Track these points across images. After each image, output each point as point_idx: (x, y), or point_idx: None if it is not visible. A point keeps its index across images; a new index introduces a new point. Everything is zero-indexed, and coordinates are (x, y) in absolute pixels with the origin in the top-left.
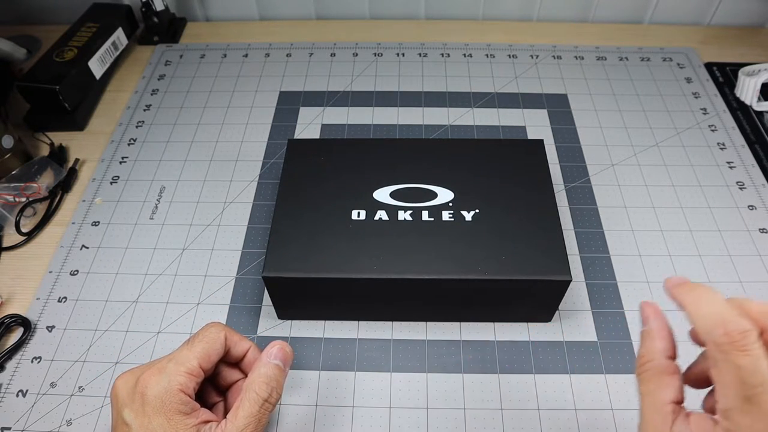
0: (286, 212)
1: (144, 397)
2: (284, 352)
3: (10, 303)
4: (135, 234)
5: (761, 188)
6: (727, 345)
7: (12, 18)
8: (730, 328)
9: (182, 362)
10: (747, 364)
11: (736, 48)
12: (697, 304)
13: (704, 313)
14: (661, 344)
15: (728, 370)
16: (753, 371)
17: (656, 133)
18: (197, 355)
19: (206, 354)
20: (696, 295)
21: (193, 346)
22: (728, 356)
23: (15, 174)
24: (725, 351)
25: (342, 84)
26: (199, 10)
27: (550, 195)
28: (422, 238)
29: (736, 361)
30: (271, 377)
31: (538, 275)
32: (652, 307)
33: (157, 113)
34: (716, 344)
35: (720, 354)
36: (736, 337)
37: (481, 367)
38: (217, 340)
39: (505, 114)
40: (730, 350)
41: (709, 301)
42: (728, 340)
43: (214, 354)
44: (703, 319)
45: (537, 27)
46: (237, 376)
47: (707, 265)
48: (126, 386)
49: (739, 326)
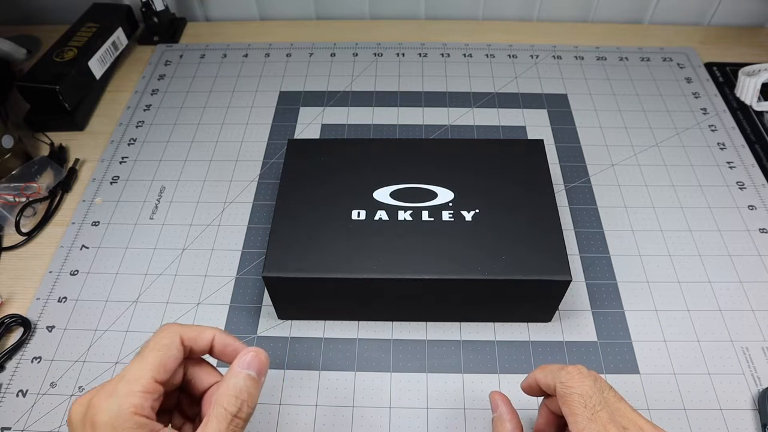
0: (286, 212)
1: (94, 424)
2: (259, 360)
3: (10, 303)
4: (135, 234)
5: (761, 188)
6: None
7: (12, 18)
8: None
9: (134, 380)
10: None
11: (736, 48)
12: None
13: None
14: (511, 425)
15: (574, 400)
16: (590, 395)
17: (656, 133)
18: (150, 367)
19: (160, 364)
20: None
21: (144, 359)
22: (572, 389)
23: (15, 174)
24: (569, 385)
25: (342, 84)
26: (199, 10)
27: (550, 195)
28: (422, 238)
29: (579, 390)
30: (241, 389)
31: (538, 275)
32: (499, 394)
33: (157, 113)
34: (562, 383)
35: (566, 389)
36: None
37: (481, 367)
38: (171, 346)
39: (505, 114)
40: (572, 383)
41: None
42: (569, 377)
43: (170, 362)
44: (550, 373)
45: (537, 27)
46: (212, 378)
47: (707, 265)
48: (78, 413)
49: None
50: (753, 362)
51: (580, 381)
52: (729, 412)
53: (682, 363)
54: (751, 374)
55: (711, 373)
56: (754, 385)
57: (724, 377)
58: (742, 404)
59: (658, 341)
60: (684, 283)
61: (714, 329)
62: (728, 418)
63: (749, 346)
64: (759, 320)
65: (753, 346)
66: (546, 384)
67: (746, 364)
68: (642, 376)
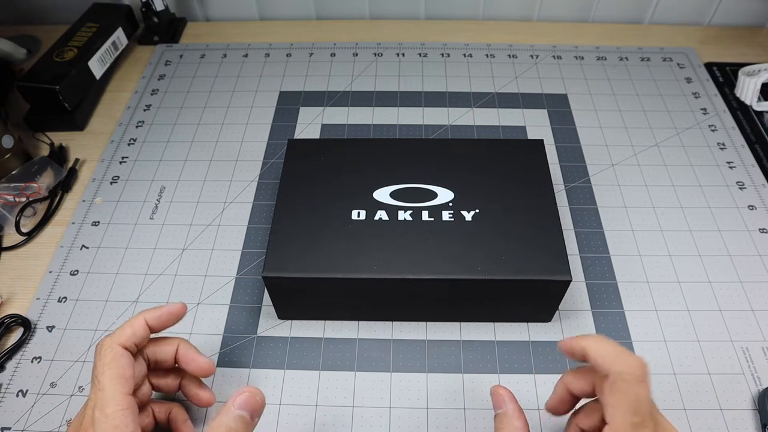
0: (286, 212)
1: None
2: (254, 401)
3: (10, 303)
4: (135, 234)
5: (761, 188)
6: (629, 374)
7: (12, 18)
8: (631, 360)
9: (106, 404)
10: (643, 394)
11: (736, 48)
12: (598, 344)
13: (607, 349)
14: (519, 422)
15: (627, 399)
16: (645, 402)
17: (656, 133)
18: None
19: (120, 378)
20: (594, 338)
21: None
22: (629, 386)
23: (15, 174)
24: (627, 380)
25: (342, 84)
26: (199, 10)
27: (550, 195)
28: (422, 238)
29: (636, 391)
30: (231, 429)
31: (538, 275)
32: (504, 390)
33: (157, 113)
34: (620, 373)
35: (622, 383)
36: (637, 368)
37: (481, 367)
38: (120, 357)
39: (505, 114)
40: (631, 380)
41: (606, 341)
42: (631, 370)
43: (127, 370)
44: (608, 354)
45: (537, 27)
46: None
47: (707, 265)
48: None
49: (640, 359)
50: (753, 362)
51: (640, 382)
52: (729, 412)
53: (682, 363)
54: (751, 374)
55: (711, 373)
56: (754, 385)
57: (724, 377)
58: (742, 404)
59: (658, 341)
60: (684, 283)
61: (714, 329)
62: (728, 418)
63: (749, 346)
64: (759, 320)
65: (753, 346)
66: (599, 364)
67: (746, 364)
68: None
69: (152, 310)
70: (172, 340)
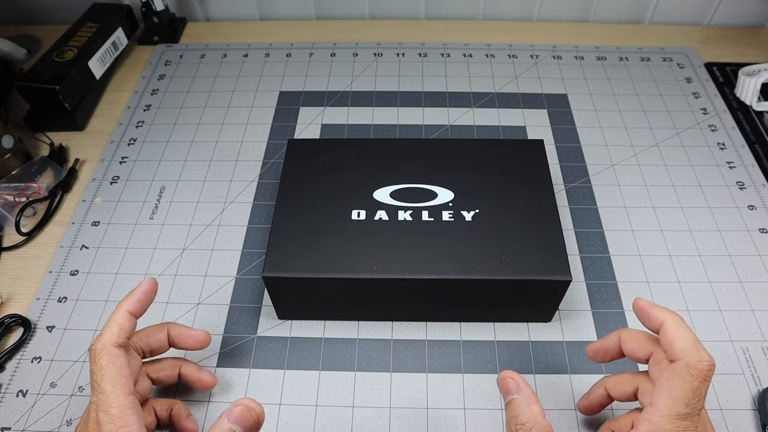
0: (286, 212)
1: None
2: (248, 415)
3: (10, 303)
4: (135, 234)
5: (761, 188)
6: (697, 371)
7: (12, 18)
8: (705, 357)
9: (110, 405)
10: (702, 392)
11: (736, 48)
12: (678, 325)
13: (685, 335)
14: (537, 407)
15: (685, 390)
16: (700, 399)
17: (656, 133)
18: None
19: (120, 379)
20: (673, 317)
21: (103, 386)
22: (692, 381)
23: (15, 174)
24: (693, 375)
25: (342, 84)
26: (199, 10)
27: (550, 195)
28: (422, 238)
29: (696, 387)
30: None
31: (538, 275)
32: (517, 375)
33: (157, 113)
34: (688, 365)
35: (687, 375)
36: (707, 367)
37: (481, 367)
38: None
39: (505, 114)
40: (697, 376)
41: (686, 327)
42: (700, 367)
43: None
44: (684, 341)
45: (537, 27)
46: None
47: (707, 265)
48: None
49: (711, 358)
50: (753, 362)
51: (704, 381)
52: (729, 412)
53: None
54: (751, 374)
55: None
56: (754, 385)
57: (724, 377)
58: (742, 404)
59: None
60: (684, 283)
61: (714, 329)
62: (728, 418)
63: (749, 346)
64: (759, 320)
65: (753, 346)
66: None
67: (746, 364)
68: None
69: (128, 298)
70: (161, 326)
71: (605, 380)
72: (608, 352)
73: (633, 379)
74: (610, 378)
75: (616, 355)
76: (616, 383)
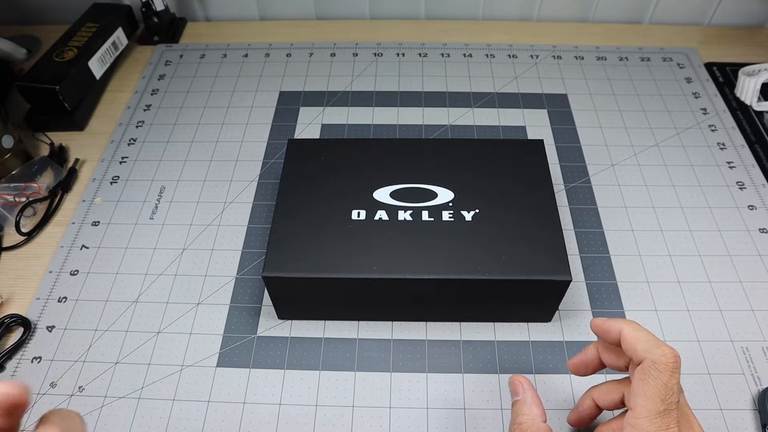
0: (286, 212)
1: None
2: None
3: (10, 303)
4: (135, 234)
5: (761, 188)
6: (662, 365)
7: (12, 18)
8: (666, 350)
9: None
10: (673, 385)
11: (736, 48)
12: (635, 330)
13: (643, 336)
14: (537, 410)
15: (657, 387)
16: (674, 392)
17: (656, 133)
18: None
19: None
20: (630, 323)
21: None
22: (660, 375)
23: (15, 174)
24: (660, 369)
25: (342, 84)
26: (199, 10)
27: (550, 195)
28: (422, 238)
29: (666, 381)
30: None
31: (538, 275)
32: (524, 379)
33: (157, 113)
34: (653, 362)
35: (654, 371)
36: (671, 358)
37: (481, 367)
38: None
39: (505, 114)
40: (663, 370)
41: (643, 328)
42: (665, 360)
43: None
44: (643, 341)
45: (537, 27)
46: None
47: (707, 265)
48: None
49: (674, 350)
50: (753, 362)
51: (673, 373)
52: (729, 412)
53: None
54: (751, 374)
55: (711, 373)
56: (754, 385)
57: (724, 377)
58: (742, 404)
59: None
60: (684, 283)
61: (714, 329)
62: (728, 418)
63: (749, 346)
64: (759, 320)
65: (753, 346)
66: (633, 349)
67: (746, 364)
68: None
69: None
70: None
71: (591, 391)
72: (589, 365)
73: (618, 387)
74: (595, 389)
75: (598, 366)
76: (602, 392)
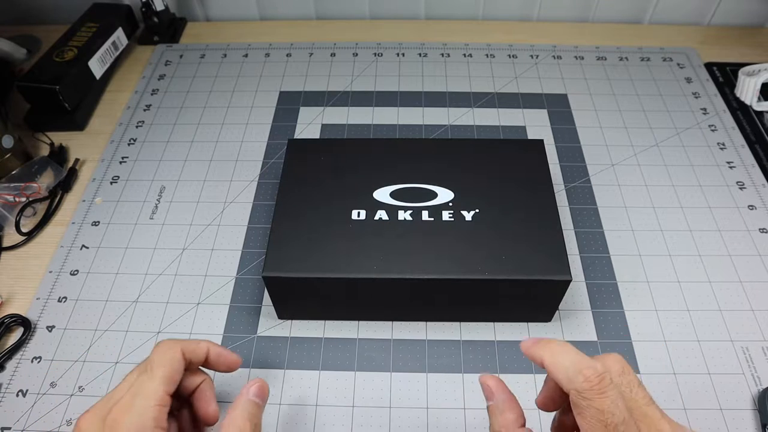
0: (286, 212)
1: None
2: (263, 391)
3: (10, 303)
4: (135, 234)
5: (761, 188)
6: (587, 391)
7: (12, 18)
8: (587, 373)
9: (149, 395)
10: (607, 406)
11: (736, 48)
12: (554, 357)
13: (563, 364)
14: (512, 415)
15: (592, 415)
16: (612, 413)
17: (656, 133)
18: (162, 382)
19: (170, 379)
20: (551, 348)
21: (154, 375)
22: (590, 402)
23: (15, 174)
24: (587, 397)
25: (342, 84)
26: (199, 10)
27: (550, 195)
28: (422, 238)
29: (598, 406)
30: (253, 414)
31: (538, 275)
32: (493, 379)
33: (157, 113)
34: (578, 391)
35: (583, 401)
36: (594, 380)
37: (481, 367)
38: (176, 360)
39: (505, 114)
40: (591, 396)
41: (564, 352)
42: (588, 386)
43: (176, 375)
44: (563, 370)
45: (537, 27)
46: (198, 379)
47: (707, 265)
48: (92, 428)
49: (596, 370)
50: (753, 362)
51: (600, 395)
52: (729, 412)
53: (682, 363)
54: (751, 374)
55: (711, 373)
56: (754, 385)
57: (724, 377)
58: (742, 404)
59: (658, 341)
60: (684, 283)
61: (714, 329)
62: (728, 418)
63: (749, 346)
64: (759, 320)
65: (753, 346)
66: (558, 381)
67: (746, 364)
68: (642, 376)
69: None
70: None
71: (558, 417)
72: (556, 398)
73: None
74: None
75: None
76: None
